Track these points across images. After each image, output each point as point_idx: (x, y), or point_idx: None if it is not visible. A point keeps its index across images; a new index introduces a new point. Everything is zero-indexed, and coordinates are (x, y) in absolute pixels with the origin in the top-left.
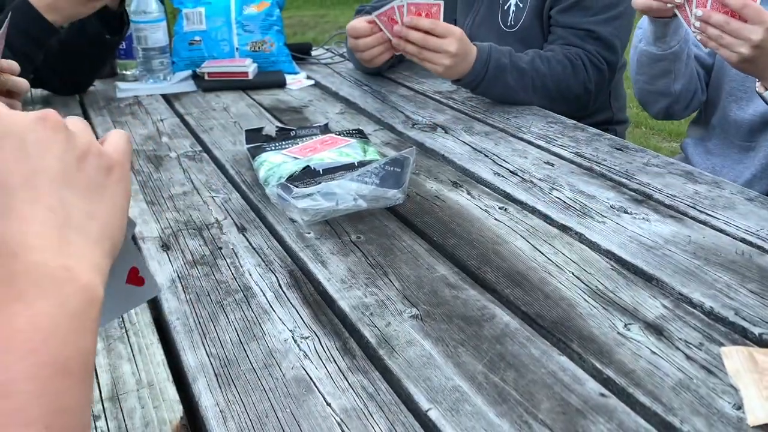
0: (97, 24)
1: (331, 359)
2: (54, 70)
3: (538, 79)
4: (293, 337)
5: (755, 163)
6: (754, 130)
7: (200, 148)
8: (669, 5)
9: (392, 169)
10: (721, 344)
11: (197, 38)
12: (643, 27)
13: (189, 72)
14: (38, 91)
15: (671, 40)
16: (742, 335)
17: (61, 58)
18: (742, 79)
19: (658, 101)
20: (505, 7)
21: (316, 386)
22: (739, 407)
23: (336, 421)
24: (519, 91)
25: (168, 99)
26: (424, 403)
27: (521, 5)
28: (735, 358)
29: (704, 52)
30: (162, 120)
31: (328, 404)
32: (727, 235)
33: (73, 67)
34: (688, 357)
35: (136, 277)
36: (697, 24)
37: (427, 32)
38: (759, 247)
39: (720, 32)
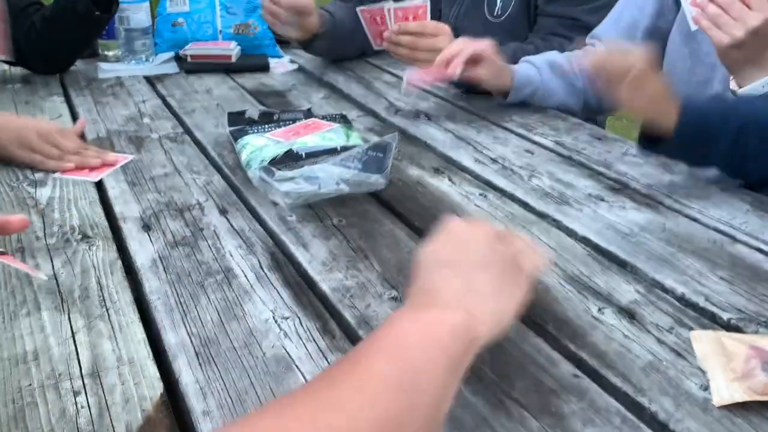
0: (87, 1)
1: (311, 339)
2: (36, 49)
3: None
4: (274, 318)
5: None
6: None
7: (182, 130)
8: None
9: (375, 154)
10: (691, 329)
11: (180, 20)
12: None
13: (171, 54)
14: (17, 70)
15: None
16: (711, 320)
17: (44, 36)
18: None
19: None
20: None
21: (295, 365)
22: (706, 388)
23: None
24: None
25: (150, 80)
26: None
27: None
28: (704, 341)
29: None
30: (144, 101)
31: (308, 382)
32: (701, 224)
33: (57, 46)
34: (658, 340)
35: None
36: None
37: (418, 33)
38: (730, 236)
39: (720, 11)
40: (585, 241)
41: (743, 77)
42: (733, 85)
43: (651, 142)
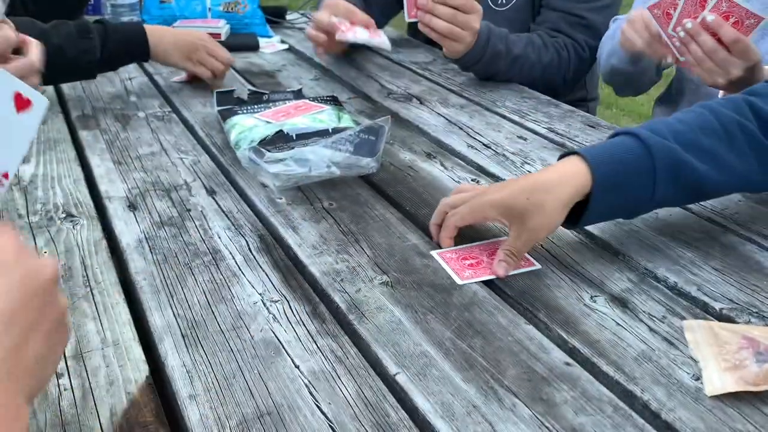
0: None
1: (301, 323)
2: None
3: (527, 66)
4: (262, 301)
5: None
6: None
7: (169, 109)
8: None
9: (367, 137)
10: (683, 318)
11: None
12: (616, 38)
13: None
14: None
15: (643, 59)
16: (703, 310)
17: (36, 13)
18: None
19: (626, 90)
20: None
21: (284, 349)
22: (698, 378)
23: (304, 383)
24: (506, 75)
25: None
26: (392, 368)
27: None
28: (696, 331)
29: None
30: (130, 79)
31: (297, 366)
32: (693, 213)
33: (46, 19)
34: (651, 329)
35: (23, 101)
36: (682, 34)
37: (456, 8)
38: (723, 226)
39: (704, 56)
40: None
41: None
42: (721, 96)
43: None
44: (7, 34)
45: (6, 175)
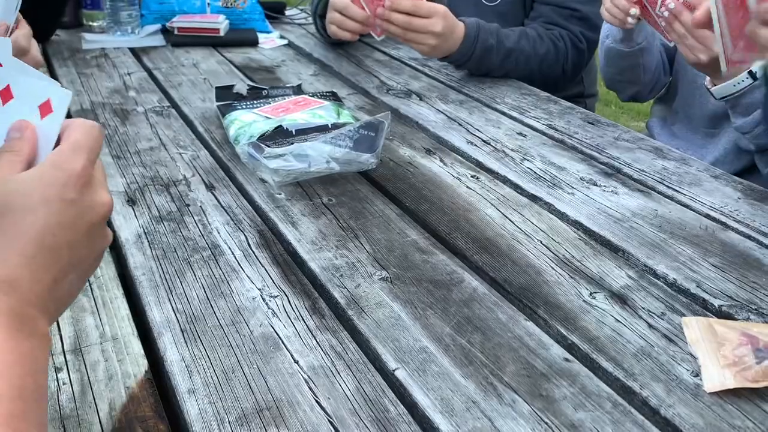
0: None
1: (300, 318)
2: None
3: (522, 58)
4: (262, 296)
5: (718, 148)
6: (717, 118)
7: (168, 104)
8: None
9: (366, 133)
10: (683, 314)
11: None
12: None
13: (158, 26)
14: None
15: (637, 37)
16: (702, 306)
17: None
18: None
19: (627, 88)
20: None
21: (284, 344)
22: (697, 374)
23: (303, 378)
24: (501, 69)
25: (136, 53)
26: (391, 363)
27: None
28: (695, 327)
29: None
30: (129, 74)
31: (296, 361)
32: (692, 210)
33: (36, 9)
34: (650, 326)
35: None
36: (666, 14)
37: (410, 14)
38: (722, 223)
39: (685, 32)
40: (577, 225)
41: (716, 78)
42: (708, 82)
43: None
44: (16, 40)
45: None
